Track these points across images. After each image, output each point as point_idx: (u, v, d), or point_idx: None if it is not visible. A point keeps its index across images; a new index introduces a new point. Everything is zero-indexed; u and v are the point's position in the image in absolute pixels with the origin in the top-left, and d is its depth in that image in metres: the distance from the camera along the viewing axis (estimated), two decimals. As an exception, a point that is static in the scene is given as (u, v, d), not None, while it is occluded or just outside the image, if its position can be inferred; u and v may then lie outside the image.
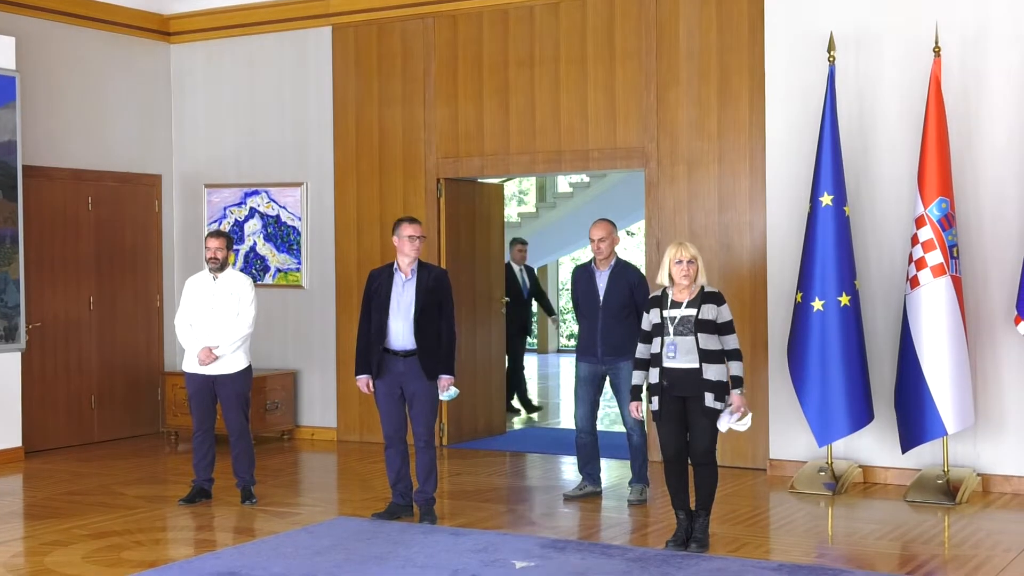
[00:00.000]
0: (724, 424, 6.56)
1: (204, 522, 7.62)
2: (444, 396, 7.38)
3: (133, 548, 6.93)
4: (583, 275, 8.17)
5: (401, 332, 7.34)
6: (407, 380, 7.36)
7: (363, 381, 7.47)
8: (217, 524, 7.56)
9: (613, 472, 8.95)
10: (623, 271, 8.04)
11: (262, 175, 11.15)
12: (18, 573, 6.44)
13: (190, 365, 8.05)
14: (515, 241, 12.96)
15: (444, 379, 7.37)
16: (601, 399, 8.29)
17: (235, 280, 8.07)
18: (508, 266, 12.00)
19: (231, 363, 8.01)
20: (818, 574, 6.13)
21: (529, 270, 13.02)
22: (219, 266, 8.00)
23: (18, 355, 9.84)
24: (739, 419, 6.58)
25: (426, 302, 7.32)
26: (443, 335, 7.37)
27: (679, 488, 6.74)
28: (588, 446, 8.19)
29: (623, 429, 8.24)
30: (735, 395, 6.57)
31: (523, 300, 12.78)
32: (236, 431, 8.09)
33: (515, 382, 12.52)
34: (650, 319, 6.74)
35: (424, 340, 7.32)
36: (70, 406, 10.58)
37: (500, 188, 11.47)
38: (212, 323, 7.98)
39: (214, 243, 8.00)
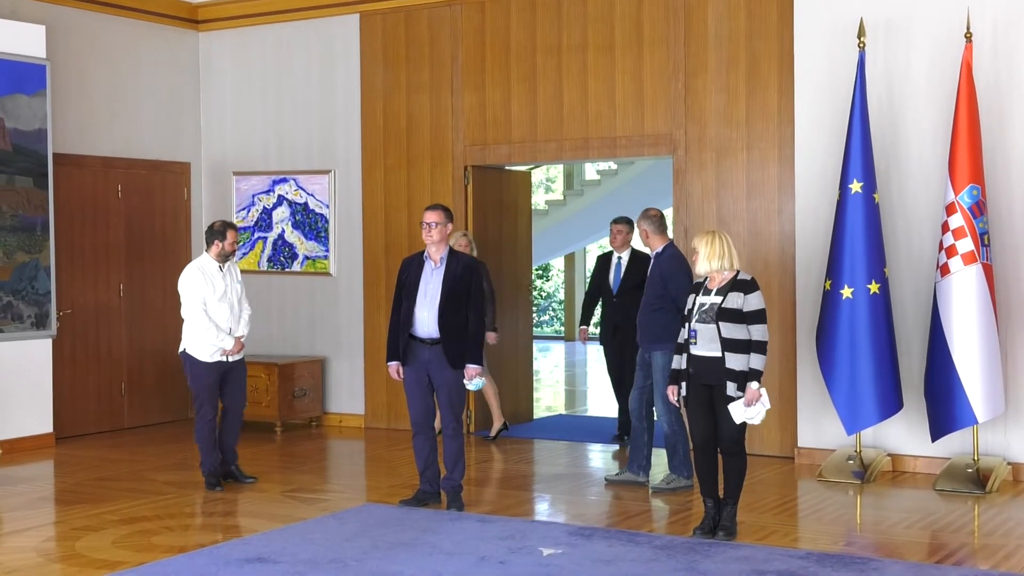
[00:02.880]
0: (738, 415, 6.53)
1: (232, 508, 7.66)
2: (470, 386, 7.37)
3: (163, 533, 6.98)
4: (636, 260, 8.26)
5: (427, 320, 7.34)
6: (433, 368, 7.37)
7: (393, 367, 7.49)
8: (246, 510, 7.60)
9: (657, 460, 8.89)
10: (664, 260, 7.99)
11: (290, 163, 11.17)
12: (49, 557, 6.51)
13: (213, 355, 8.10)
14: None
15: (470, 369, 7.35)
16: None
17: (234, 269, 8.34)
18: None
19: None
20: (846, 563, 6.11)
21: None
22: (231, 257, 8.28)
23: (49, 342, 9.91)
24: (752, 412, 6.52)
25: (452, 291, 7.31)
26: (470, 325, 7.36)
27: (707, 476, 6.73)
28: (636, 431, 8.16)
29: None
30: (749, 387, 6.51)
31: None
32: (241, 412, 8.37)
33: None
34: (687, 305, 6.75)
35: (448, 329, 7.31)
36: (100, 392, 10.66)
37: (527, 175, 11.46)
38: (228, 312, 8.14)
39: (235, 235, 8.20)
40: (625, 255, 9.60)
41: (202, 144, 11.62)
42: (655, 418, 8.11)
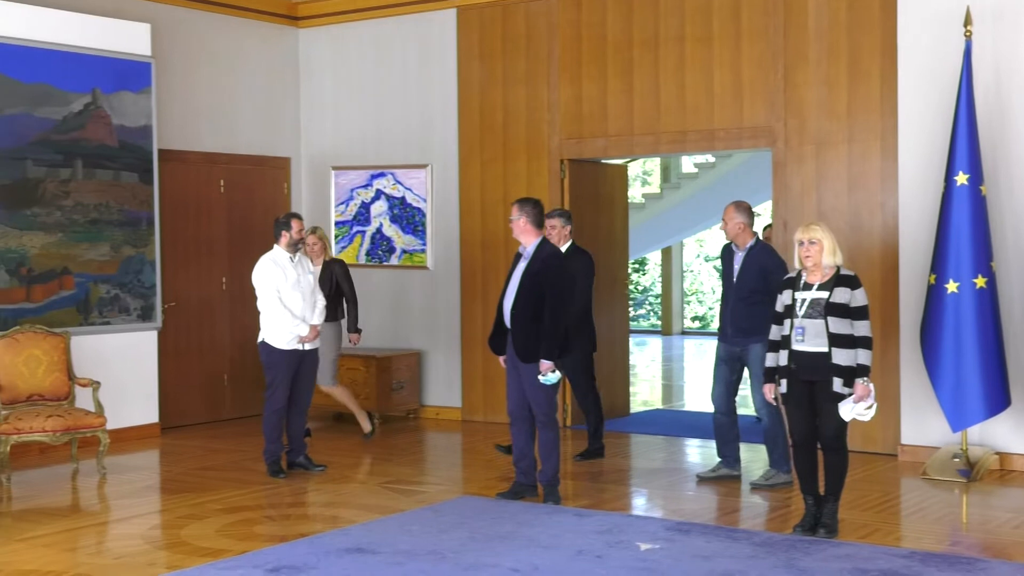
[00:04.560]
0: (847, 412, 6.43)
1: (332, 499, 7.74)
2: (543, 380, 7.26)
3: (264, 523, 7.09)
4: (726, 255, 8.15)
5: (507, 313, 7.38)
6: (516, 360, 7.37)
7: (501, 358, 7.54)
8: (345, 501, 7.67)
9: (744, 455, 8.82)
10: (759, 254, 7.93)
11: (388, 157, 11.26)
12: (155, 545, 6.65)
13: (289, 342, 8.27)
14: None
15: (543, 363, 7.24)
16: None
17: (305, 260, 8.55)
18: None
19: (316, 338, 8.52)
20: (951, 563, 5.98)
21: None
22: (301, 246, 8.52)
23: (155, 334, 10.12)
24: (863, 408, 6.43)
25: (525, 284, 7.27)
26: (544, 319, 7.23)
27: (807, 472, 6.65)
28: (724, 427, 8.10)
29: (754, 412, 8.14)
30: (859, 383, 6.41)
31: None
32: (309, 401, 8.60)
33: None
34: (782, 300, 6.64)
35: (517, 322, 7.28)
36: (204, 383, 10.85)
37: (624, 169, 11.41)
38: (301, 300, 8.33)
39: (300, 224, 8.47)
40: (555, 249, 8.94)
41: (302, 139, 11.77)
42: (756, 413, 8.02)
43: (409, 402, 10.94)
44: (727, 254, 8.11)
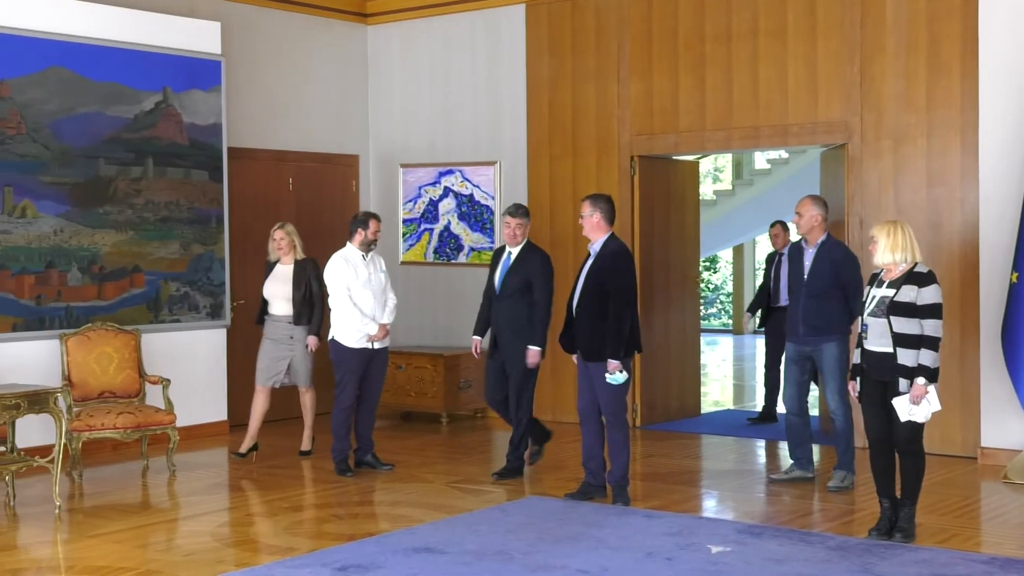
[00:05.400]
0: (904, 413, 6.27)
1: (399, 498, 7.72)
2: (610, 379, 7.18)
3: (332, 521, 7.08)
4: (795, 252, 7.98)
5: (574, 311, 7.36)
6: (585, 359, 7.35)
7: (574, 356, 7.50)
8: (412, 500, 7.64)
9: (818, 457, 8.66)
10: (831, 249, 7.77)
11: (456, 154, 11.22)
12: (224, 542, 6.66)
13: (358, 340, 8.25)
14: None
15: (609, 363, 7.17)
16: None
17: (378, 258, 8.52)
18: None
19: (386, 337, 8.49)
20: (1035, 570, 5.81)
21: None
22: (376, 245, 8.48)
23: (224, 332, 10.17)
24: (917, 410, 6.24)
25: (589, 283, 7.25)
26: (609, 317, 7.17)
27: (883, 475, 6.52)
28: (796, 428, 7.96)
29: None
30: (915, 383, 6.22)
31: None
32: (377, 400, 8.58)
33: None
34: (864, 297, 6.55)
35: (583, 321, 7.25)
36: (272, 381, 10.86)
37: (695, 165, 11.29)
38: (372, 299, 8.31)
39: (377, 224, 8.41)
40: (516, 250, 8.41)
41: (370, 136, 11.77)
42: (830, 413, 7.85)
43: (476, 401, 10.88)
44: (795, 252, 7.95)
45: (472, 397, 10.82)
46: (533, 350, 8.01)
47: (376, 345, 8.37)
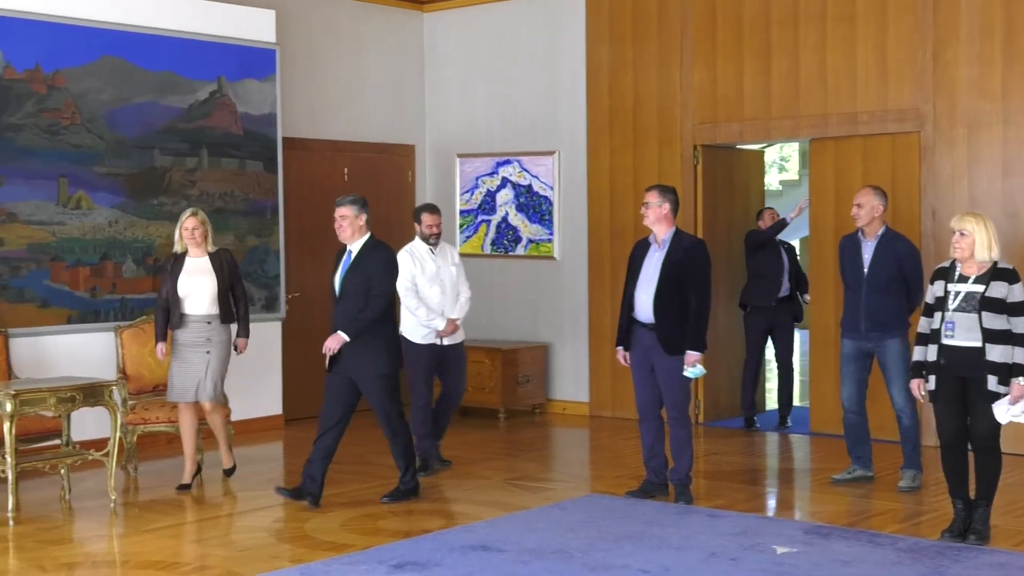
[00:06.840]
0: (1003, 415, 6.10)
1: (456, 495, 7.61)
2: (689, 373, 7.08)
3: (388, 518, 6.99)
4: (849, 245, 7.71)
5: (645, 303, 7.15)
6: (653, 353, 7.16)
7: (620, 353, 7.33)
8: (469, 497, 7.53)
9: (885, 456, 8.41)
10: (892, 241, 7.54)
11: (514, 144, 11.07)
12: (280, 537, 6.61)
13: (425, 336, 8.09)
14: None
15: (690, 355, 7.06)
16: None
17: (449, 250, 8.35)
18: None
19: (459, 332, 8.26)
20: (1123, 577, 5.56)
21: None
22: (438, 239, 8.23)
23: (279, 324, 10.08)
24: (1020, 410, 6.08)
25: (670, 274, 7.07)
26: (691, 308, 7.06)
27: (957, 475, 6.35)
28: (856, 427, 7.76)
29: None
30: (1016, 383, 6.06)
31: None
32: (459, 398, 8.38)
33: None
34: (933, 291, 6.35)
35: (663, 313, 7.07)
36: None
37: (760, 155, 11.10)
38: (440, 293, 8.13)
39: (435, 218, 8.22)
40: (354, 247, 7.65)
41: (426, 126, 11.64)
42: (896, 411, 7.62)
43: (535, 396, 10.74)
44: (849, 245, 7.69)
45: (530, 392, 10.68)
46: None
47: (446, 341, 8.16)
